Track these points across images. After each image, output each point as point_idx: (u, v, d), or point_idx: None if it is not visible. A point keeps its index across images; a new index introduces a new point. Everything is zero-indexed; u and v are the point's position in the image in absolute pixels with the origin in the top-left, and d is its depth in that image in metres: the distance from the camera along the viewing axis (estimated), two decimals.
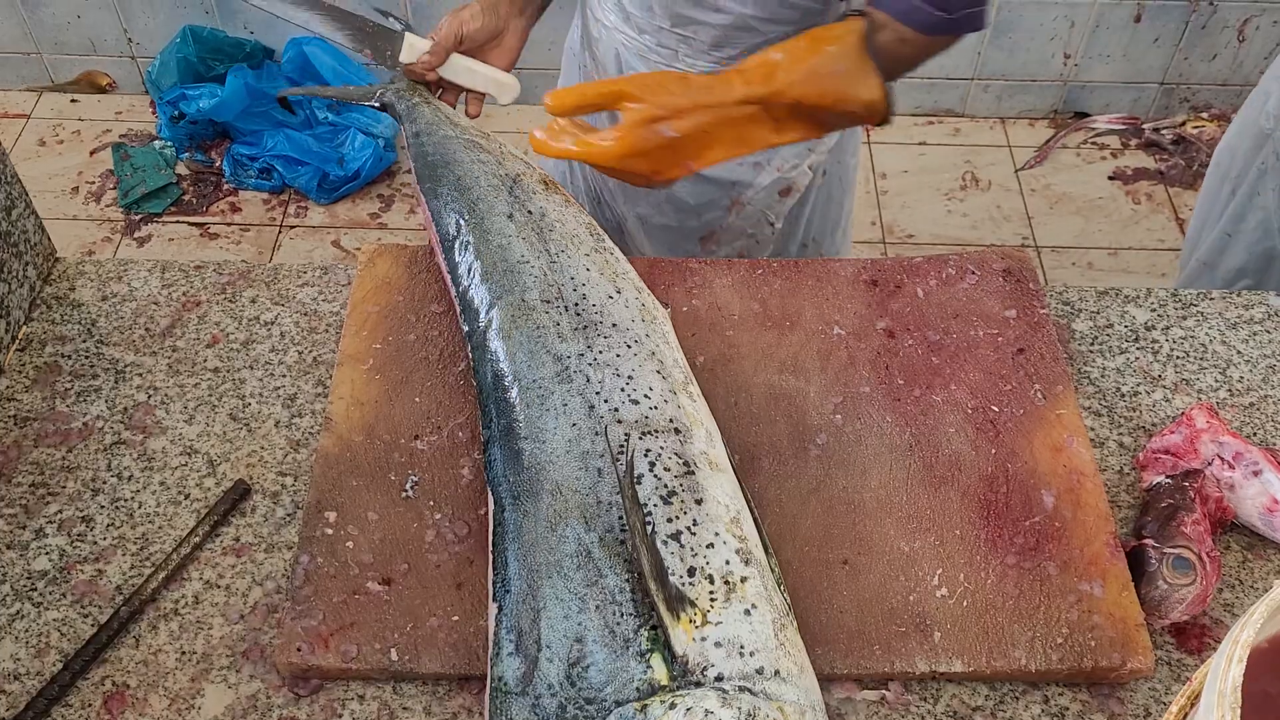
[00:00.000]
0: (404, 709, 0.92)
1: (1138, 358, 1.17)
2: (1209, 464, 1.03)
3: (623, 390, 0.97)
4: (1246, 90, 2.94)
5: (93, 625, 0.96)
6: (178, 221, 2.76)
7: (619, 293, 1.06)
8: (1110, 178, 2.89)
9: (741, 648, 0.80)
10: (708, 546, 0.86)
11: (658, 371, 0.99)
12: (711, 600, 0.82)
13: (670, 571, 0.83)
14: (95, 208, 2.78)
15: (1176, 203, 2.83)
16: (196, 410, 1.11)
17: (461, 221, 1.11)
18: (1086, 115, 3.01)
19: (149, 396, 1.12)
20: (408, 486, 1.02)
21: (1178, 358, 1.17)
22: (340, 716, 0.91)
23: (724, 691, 0.77)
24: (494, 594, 0.87)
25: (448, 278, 1.11)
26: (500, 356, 1.00)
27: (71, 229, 2.72)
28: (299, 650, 0.92)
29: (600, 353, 0.99)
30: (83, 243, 2.69)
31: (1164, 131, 2.96)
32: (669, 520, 0.87)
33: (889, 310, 1.16)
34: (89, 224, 2.74)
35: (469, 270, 1.08)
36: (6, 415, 1.10)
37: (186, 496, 1.04)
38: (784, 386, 1.09)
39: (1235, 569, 1.01)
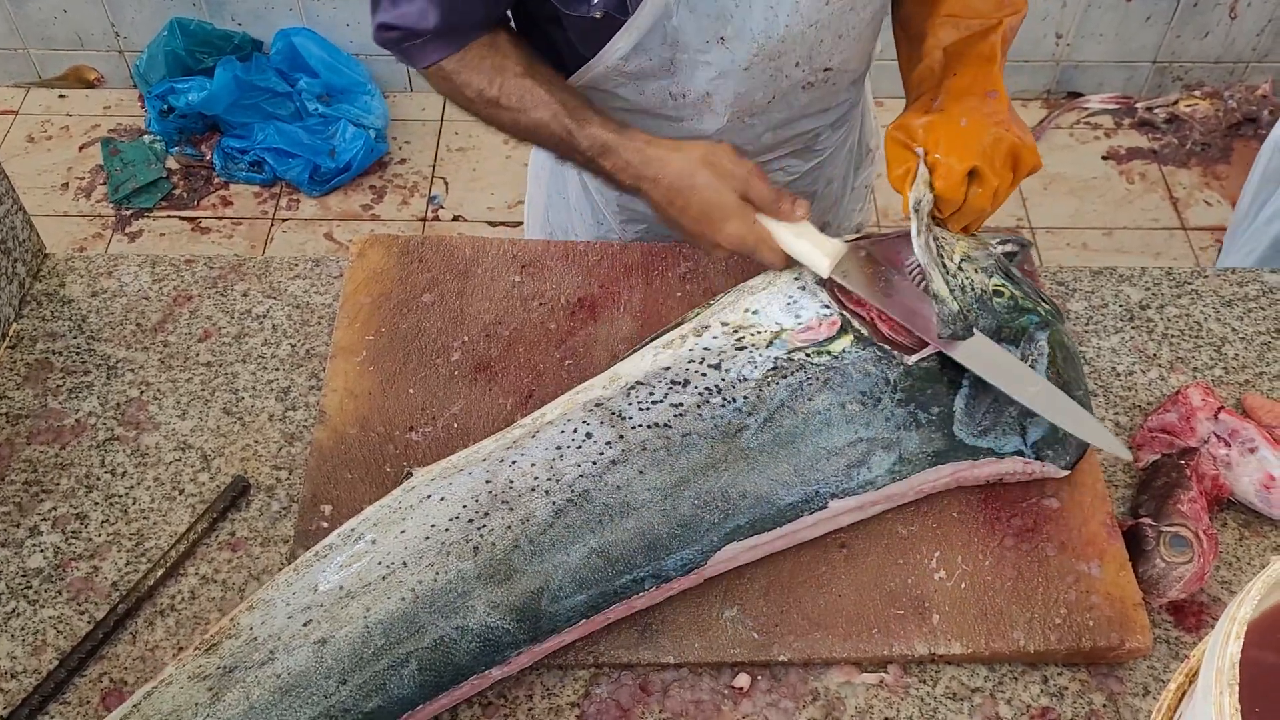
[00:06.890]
0: None
1: (1133, 337, 1.17)
2: (1205, 442, 1.03)
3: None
4: (1239, 68, 2.95)
5: (89, 622, 0.96)
6: (169, 216, 2.75)
7: None
8: (1104, 157, 2.88)
9: None
10: None
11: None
12: None
13: None
14: (85, 203, 2.76)
15: (1170, 181, 2.82)
16: (189, 405, 1.10)
17: None
18: (1079, 95, 3.01)
19: (141, 392, 1.11)
20: (403, 479, 1.01)
21: (1173, 336, 1.17)
22: None
23: None
24: None
25: None
26: None
27: (62, 225, 2.71)
28: None
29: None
30: (74, 239, 2.68)
31: (1157, 110, 2.95)
32: None
33: None
34: (79, 220, 2.73)
35: None
36: None
37: (181, 492, 1.04)
38: None
39: (1232, 546, 1.01)
